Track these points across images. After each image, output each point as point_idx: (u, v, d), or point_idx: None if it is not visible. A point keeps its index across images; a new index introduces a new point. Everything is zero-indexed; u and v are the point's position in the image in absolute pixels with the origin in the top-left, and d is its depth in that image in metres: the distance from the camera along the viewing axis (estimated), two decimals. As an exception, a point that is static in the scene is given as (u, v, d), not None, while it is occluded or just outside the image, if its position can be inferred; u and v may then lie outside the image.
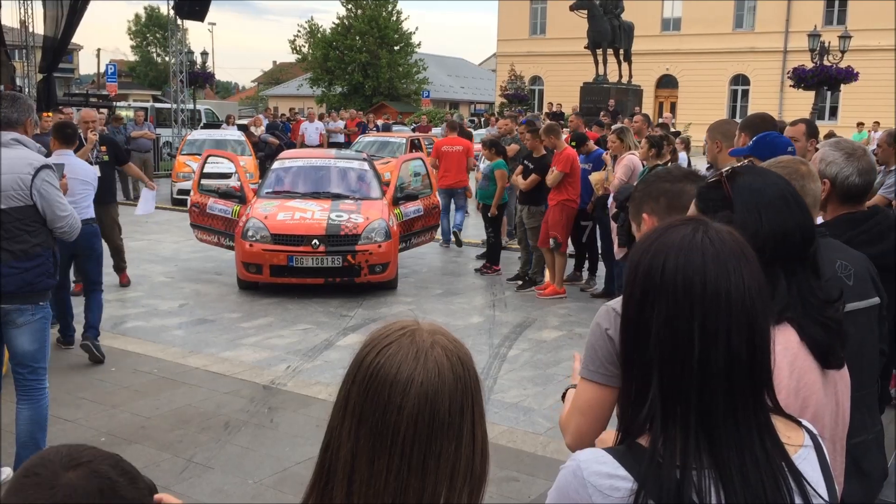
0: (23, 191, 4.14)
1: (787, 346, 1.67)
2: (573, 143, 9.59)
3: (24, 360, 4.29)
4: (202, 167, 10.43)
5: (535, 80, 44.74)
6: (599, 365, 2.02)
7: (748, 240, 1.68)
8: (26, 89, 25.46)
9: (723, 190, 1.77)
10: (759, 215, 1.71)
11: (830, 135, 12.59)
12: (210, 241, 10.06)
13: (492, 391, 6.15)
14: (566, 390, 2.28)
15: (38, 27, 24.77)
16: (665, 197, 2.23)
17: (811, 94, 23.76)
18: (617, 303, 2.07)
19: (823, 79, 22.09)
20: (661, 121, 18.70)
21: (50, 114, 14.37)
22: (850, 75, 22.19)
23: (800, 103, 29.79)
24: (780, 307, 1.68)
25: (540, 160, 9.33)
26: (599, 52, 26.05)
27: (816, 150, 3.56)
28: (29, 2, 25.11)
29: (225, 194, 9.99)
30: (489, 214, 10.35)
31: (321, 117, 24.50)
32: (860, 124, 24.88)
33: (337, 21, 47.60)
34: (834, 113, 36.23)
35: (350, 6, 47.29)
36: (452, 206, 12.11)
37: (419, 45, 49.10)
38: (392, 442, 1.11)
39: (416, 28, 56.74)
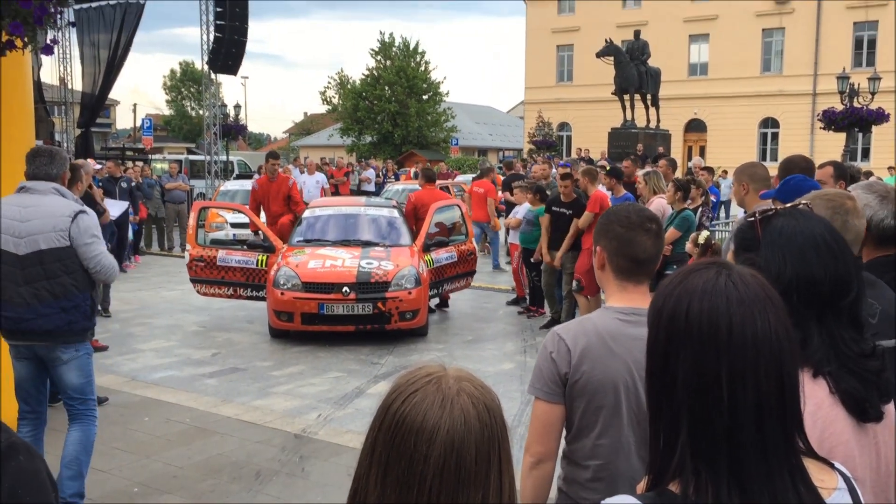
0: (62, 232, 4.39)
1: (810, 395, 1.62)
2: (607, 171, 9.62)
3: (74, 393, 4.57)
4: (196, 221, 10.22)
5: (563, 126, 44.97)
6: (544, 384, 2.31)
7: (770, 283, 1.68)
8: (65, 144, 26.11)
9: (755, 231, 1.78)
10: (784, 259, 1.69)
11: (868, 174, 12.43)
12: (221, 294, 9.97)
13: (523, 439, 6.08)
14: None
15: (77, 84, 25.50)
16: (617, 241, 2.39)
17: (842, 135, 23.59)
18: (561, 328, 2.37)
19: (854, 120, 21.92)
20: (689, 165, 18.67)
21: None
22: (881, 117, 22.02)
23: (831, 145, 29.59)
24: (815, 359, 1.64)
25: (574, 204, 9.38)
26: (626, 97, 26.17)
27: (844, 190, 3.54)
28: (68, 60, 25.89)
29: (253, 245, 10.08)
30: (532, 259, 10.36)
31: (323, 166, 23.80)
32: (892, 168, 24.59)
33: (366, 72, 48.42)
34: (866, 154, 35.91)
35: (379, 58, 48.13)
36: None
37: (447, 93, 49.71)
38: (419, 491, 1.10)
39: (445, 77, 57.47)
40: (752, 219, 1.82)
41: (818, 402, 1.63)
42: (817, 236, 1.73)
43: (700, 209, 8.86)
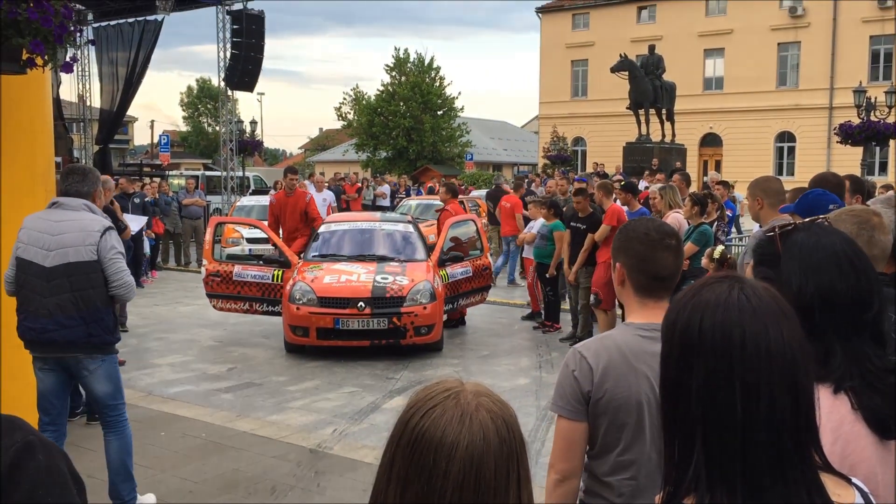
0: (92, 247, 4.54)
1: (832, 412, 1.60)
2: (622, 185, 9.63)
3: (105, 400, 4.75)
4: (213, 236, 10.36)
5: (578, 140, 44.99)
6: (567, 402, 2.30)
7: (791, 299, 1.62)
8: (83, 160, 26.36)
9: (774, 246, 1.75)
10: (804, 275, 1.67)
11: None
12: (237, 308, 10.02)
13: (539, 454, 6.06)
14: None
15: (96, 101, 25.79)
16: (637, 258, 2.38)
17: (859, 149, 23.47)
18: (583, 346, 2.36)
19: (871, 134, 21.79)
20: (705, 180, 18.60)
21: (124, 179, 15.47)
22: (898, 130, 21.89)
23: (848, 159, 29.43)
24: (837, 375, 1.62)
25: (590, 218, 9.37)
26: (641, 112, 26.13)
27: (866, 206, 3.52)
28: (87, 78, 26.19)
29: (268, 260, 10.13)
30: (547, 275, 10.38)
31: (338, 182, 23.72)
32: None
33: (381, 88, 48.67)
34: (884, 168, 35.66)
35: (394, 73, 48.38)
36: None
37: (462, 109, 49.86)
38: None
39: (459, 93, 57.61)
40: (771, 234, 1.80)
41: (840, 419, 1.61)
42: (838, 251, 1.71)
43: (715, 223, 8.82)
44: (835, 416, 1.61)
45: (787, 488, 1.16)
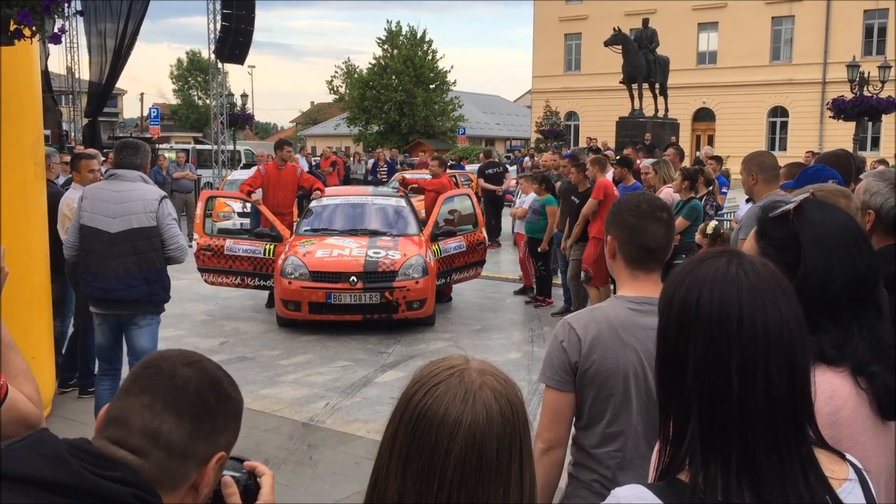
0: (152, 214, 5.04)
1: (832, 396, 1.57)
2: (618, 160, 9.59)
3: (142, 356, 4.87)
4: (204, 210, 10.41)
5: (571, 115, 44.85)
6: (555, 372, 2.34)
7: (818, 284, 1.56)
8: (72, 133, 26.15)
9: (788, 227, 1.65)
10: (830, 256, 1.60)
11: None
12: (229, 283, 10.00)
13: (531, 428, 6.09)
14: None
15: (84, 73, 25.55)
16: (628, 230, 2.38)
17: (852, 125, 23.46)
18: (572, 317, 2.39)
19: (864, 109, 21.76)
20: (698, 155, 18.57)
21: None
22: (890, 105, 21.87)
23: (840, 134, 29.45)
24: (857, 357, 1.58)
25: (586, 193, 9.35)
26: (635, 86, 26.03)
27: (859, 180, 3.51)
28: (75, 49, 25.91)
29: (259, 234, 10.09)
30: (539, 249, 10.38)
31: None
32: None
33: (373, 61, 48.36)
34: (876, 143, 35.71)
35: (386, 47, 48.03)
36: None
37: (455, 83, 49.60)
38: (439, 486, 1.09)
39: (452, 66, 57.36)
40: (776, 214, 1.70)
41: (840, 405, 1.58)
42: (852, 228, 1.65)
43: (704, 198, 8.81)
44: (836, 401, 1.58)
45: (781, 463, 1.16)
